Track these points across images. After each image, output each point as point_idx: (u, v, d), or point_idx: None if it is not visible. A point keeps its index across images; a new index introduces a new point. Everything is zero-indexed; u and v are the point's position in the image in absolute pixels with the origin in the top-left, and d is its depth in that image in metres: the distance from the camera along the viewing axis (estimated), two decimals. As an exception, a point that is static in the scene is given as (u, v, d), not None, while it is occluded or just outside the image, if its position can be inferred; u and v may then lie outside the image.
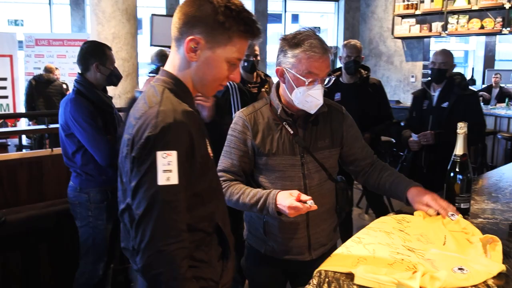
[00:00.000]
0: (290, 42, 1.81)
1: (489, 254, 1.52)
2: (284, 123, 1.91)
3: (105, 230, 2.87)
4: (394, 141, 6.09)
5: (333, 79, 1.91)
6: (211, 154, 1.43)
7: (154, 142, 1.24)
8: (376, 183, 2.03)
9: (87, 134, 2.67)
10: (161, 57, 3.66)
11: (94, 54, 2.84)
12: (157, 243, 1.24)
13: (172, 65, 1.41)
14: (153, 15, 1.84)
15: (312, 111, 1.87)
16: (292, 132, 1.90)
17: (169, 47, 1.97)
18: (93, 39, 4.91)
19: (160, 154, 1.24)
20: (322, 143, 1.94)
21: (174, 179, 1.25)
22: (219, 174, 1.95)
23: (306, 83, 1.79)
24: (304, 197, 1.69)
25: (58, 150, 3.42)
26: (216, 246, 1.47)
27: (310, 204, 1.67)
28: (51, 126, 4.06)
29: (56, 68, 7.82)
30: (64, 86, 7.70)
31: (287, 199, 1.71)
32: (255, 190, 1.86)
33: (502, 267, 1.42)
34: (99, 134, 2.70)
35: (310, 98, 1.82)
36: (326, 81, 1.85)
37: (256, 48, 3.40)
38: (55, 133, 3.81)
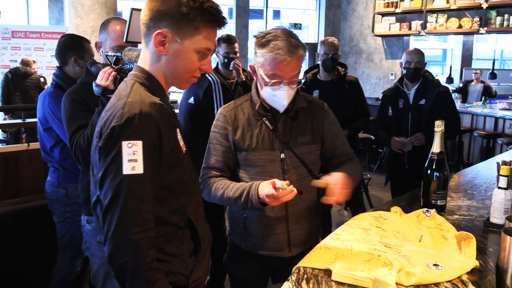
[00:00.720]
0: (259, 41, 1.82)
1: (463, 251, 1.55)
2: (264, 118, 1.92)
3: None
4: (373, 138, 6.14)
5: (303, 81, 1.92)
6: (184, 148, 1.44)
7: (120, 132, 1.27)
8: None
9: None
10: None
11: (72, 48, 2.79)
12: (122, 231, 1.26)
13: (143, 60, 1.43)
14: (133, 9, 1.81)
15: (280, 110, 1.90)
16: (271, 127, 1.91)
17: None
18: (72, 32, 4.84)
19: (125, 144, 1.26)
20: (303, 139, 1.95)
21: (139, 169, 1.27)
22: (204, 171, 1.96)
23: (270, 83, 1.81)
24: (278, 183, 1.69)
25: (35, 145, 3.37)
26: (188, 241, 1.48)
27: (280, 185, 1.66)
28: (28, 120, 3.99)
29: (34, 61, 7.68)
30: (42, 79, 7.56)
31: (266, 188, 1.72)
32: (239, 184, 1.87)
33: (475, 263, 1.45)
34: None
35: (276, 97, 1.84)
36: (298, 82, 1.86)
37: (236, 45, 3.41)
38: (32, 128, 3.75)
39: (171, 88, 1.51)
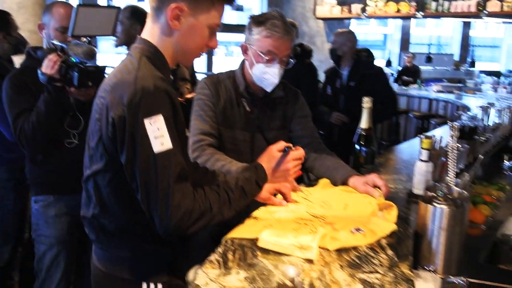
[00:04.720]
0: (256, 19, 1.92)
1: (384, 217, 1.63)
2: (243, 99, 2.01)
3: (13, 211, 2.76)
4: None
5: (293, 62, 1.99)
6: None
7: (136, 109, 1.21)
8: (314, 165, 2.06)
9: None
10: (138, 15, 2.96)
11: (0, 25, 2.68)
12: (181, 216, 1.25)
13: (150, 34, 1.37)
14: (78, 6, 1.82)
15: (269, 89, 1.98)
16: (249, 109, 2.01)
17: (90, 36, 1.98)
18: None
19: (147, 122, 1.21)
20: (273, 125, 2.07)
21: (168, 143, 1.23)
22: (199, 137, 1.93)
23: (265, 60, 1.89)
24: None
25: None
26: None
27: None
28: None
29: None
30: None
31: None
32: (241, 163, 1.83)
33: (394, 227, 1.53)
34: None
35: (267, 75, 1.92)
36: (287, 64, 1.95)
37: None
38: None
39: None
